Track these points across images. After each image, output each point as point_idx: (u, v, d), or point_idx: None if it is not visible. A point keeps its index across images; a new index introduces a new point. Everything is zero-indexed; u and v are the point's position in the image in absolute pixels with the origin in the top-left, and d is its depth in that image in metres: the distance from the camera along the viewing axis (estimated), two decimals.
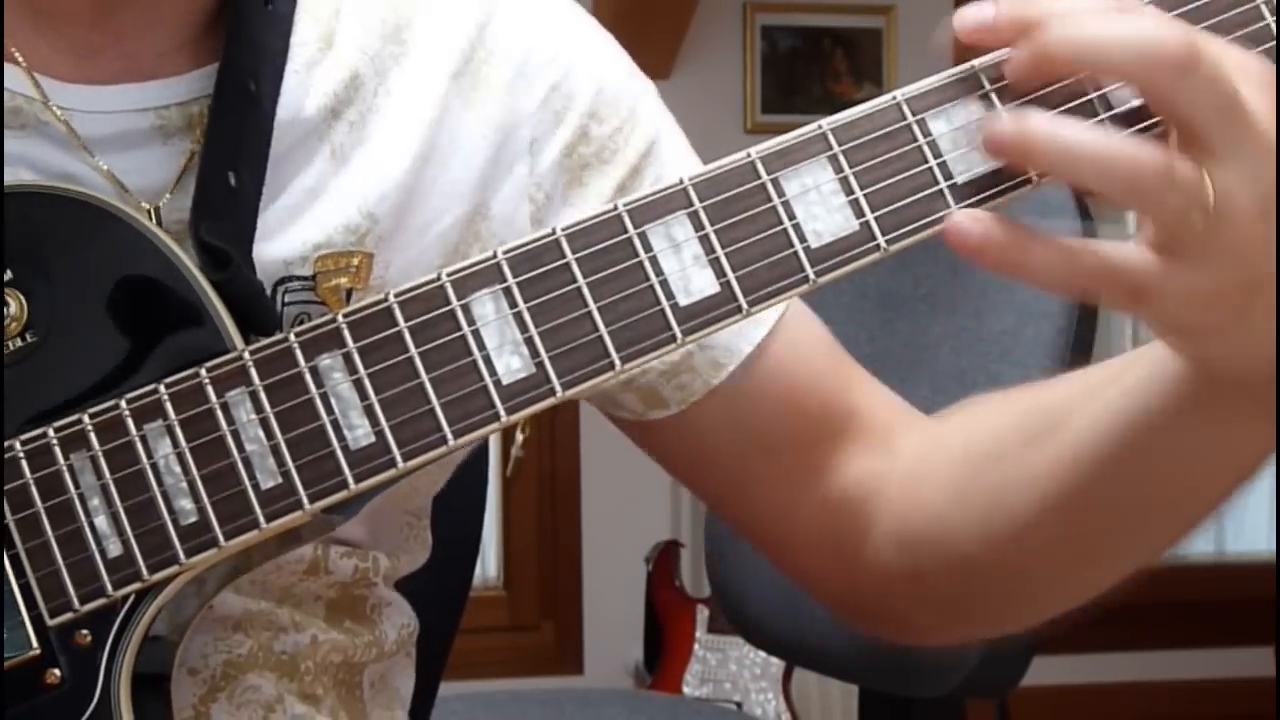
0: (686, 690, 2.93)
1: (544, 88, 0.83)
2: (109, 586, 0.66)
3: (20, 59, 0.74)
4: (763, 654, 2.85)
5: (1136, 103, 0.64)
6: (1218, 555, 3.79)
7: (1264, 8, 0.66)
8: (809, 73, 3.52)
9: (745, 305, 0.65)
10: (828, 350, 0.87)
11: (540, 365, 0.65)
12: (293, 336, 0.66)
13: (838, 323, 1.50)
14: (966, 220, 0.61)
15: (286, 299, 0.75)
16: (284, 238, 0.76)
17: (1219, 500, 0.71)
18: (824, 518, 0.85)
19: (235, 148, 0.74)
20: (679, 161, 0.85)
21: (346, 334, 0.66)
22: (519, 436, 3.24)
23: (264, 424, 0.65)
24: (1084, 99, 0.64)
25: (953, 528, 0.80)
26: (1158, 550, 0.75)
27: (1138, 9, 0.62)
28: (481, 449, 1.25)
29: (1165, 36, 0.59)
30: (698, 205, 0.65)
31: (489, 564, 3.38)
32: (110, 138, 0.74)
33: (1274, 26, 0.66)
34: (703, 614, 3.00)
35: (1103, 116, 0.64)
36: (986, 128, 0.61)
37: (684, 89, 3.20)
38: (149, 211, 0.73)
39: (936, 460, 0.82)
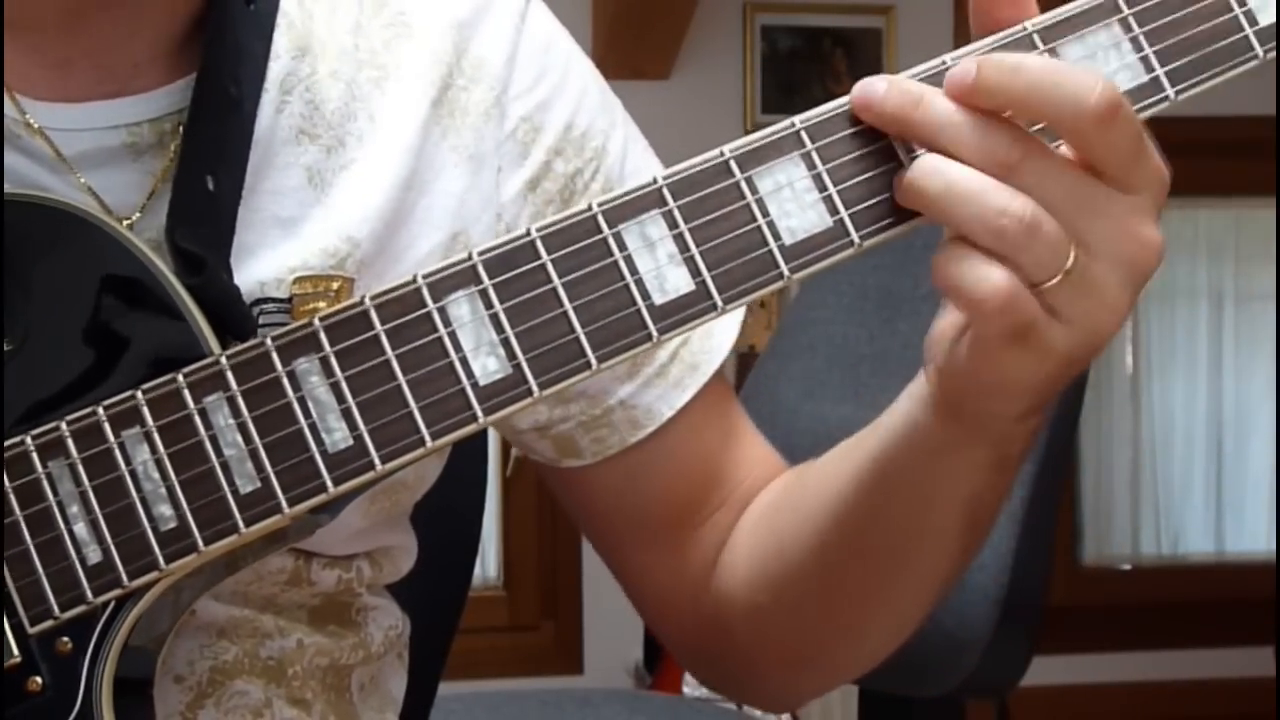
0: (686, 690, 2.92)
1: (515, 119, 0.82)
2: (89, 593, 0.66)
3: None
4: None
5: None
6: (1218, 555, 3.79)
7: (1241, 18, 0.67)
8: (809, 73, 3.52)
9: (720, 303, 0.65)
10: (730, 418, 0.89)
11: (517, 366, 0.65)
12: (269, 341, 0.66)
13: (838, 323, 1.50)
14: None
15: (261, 320, 0.74)
16: (260, 259, 0.75)
17: (967, 524, 0.76)
18: (678, 582, 0.88)
19: (215, 152, 0.73)
20: None
21: (323, 337, 0.65)
22: None
23: (242, 429, 0.65)
24: None
25: (744, 581, 0.84)
26: (937, 580, 0.79)
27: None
28: (481, 449, 1.25)
29: (1094, 90, 0.62)
30: (671, 204, 0.65)
31: (489, 564, 3.38)
32: (79, 156, 0.73)
33: (1252, 38, 0.67)
34: None
35: None
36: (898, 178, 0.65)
37: (684, 89, 3.19)
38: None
39: (746, 521, 0.86)
